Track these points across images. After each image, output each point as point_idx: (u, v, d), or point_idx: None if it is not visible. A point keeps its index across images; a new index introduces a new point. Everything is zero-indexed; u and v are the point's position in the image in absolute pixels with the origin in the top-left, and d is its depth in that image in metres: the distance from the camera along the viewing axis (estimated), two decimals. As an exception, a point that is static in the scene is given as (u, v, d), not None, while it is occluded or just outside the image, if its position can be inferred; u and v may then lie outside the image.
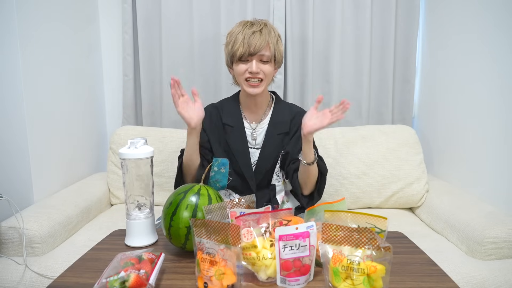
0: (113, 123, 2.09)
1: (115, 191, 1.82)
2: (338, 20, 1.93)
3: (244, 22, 1.32)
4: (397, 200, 1.76)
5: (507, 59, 1.43)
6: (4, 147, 1.43)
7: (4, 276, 1.24)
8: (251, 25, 1.30)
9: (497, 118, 1.48)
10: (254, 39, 1.26)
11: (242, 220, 0.87)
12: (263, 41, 1.27)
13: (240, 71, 1.31)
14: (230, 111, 1.42)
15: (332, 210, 0.91)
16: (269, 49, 1.29)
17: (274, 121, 1.40)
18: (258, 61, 1.29)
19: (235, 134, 1.38)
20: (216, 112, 1.43)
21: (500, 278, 1.22)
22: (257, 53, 1.27)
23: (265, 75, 1.31)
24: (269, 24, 1.33)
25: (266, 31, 1.29)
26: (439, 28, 1.88)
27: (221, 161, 1.38)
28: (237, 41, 1.27)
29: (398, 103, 2.06)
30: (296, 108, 1.47)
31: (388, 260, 0.74)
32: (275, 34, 1.32)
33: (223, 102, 1.47)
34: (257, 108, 1.42)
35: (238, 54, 1.27)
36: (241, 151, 1.38)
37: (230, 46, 1.30)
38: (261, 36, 1.27)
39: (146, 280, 0.77)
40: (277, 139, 1.39)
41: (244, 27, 1.29)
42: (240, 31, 1.29)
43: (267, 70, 1.31)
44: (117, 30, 2.00)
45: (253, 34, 1.27)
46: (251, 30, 1.27)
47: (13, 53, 1.40)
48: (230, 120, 1.40)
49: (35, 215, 1.36)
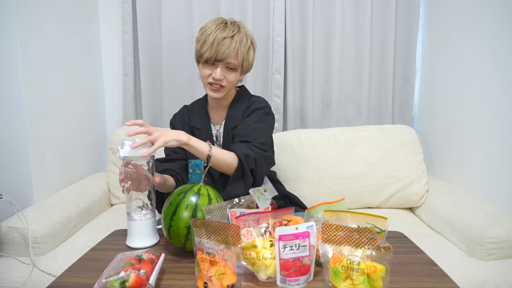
0: (113, 123, 2.09)
1: (115, 191, 1.82)
2: (338, 20, 1.93)
3: (219, 22, 1.25)
4: (397, 200, 1.76)
5: (507, 59, 1.42)
6: (4, 147, 1.43)
7: (4, 276, 1.24)
8: (224, 27, 1.23)
9: (497, 118, 1.48)
10: (223, 46, 1.20)
11: (242, 220, 0.87)
12: (231, 50, 1.21)
13: (204, 74, 1.27)
14: (198, 114, 1.40)
15: (332, 210, 0.91)
16: (237, 58, 1.24)
17: (229, 117, 1.36)
18: (224, 67, 1.25)
19: (202, 137, 1.34)
20: (187, 114, 1.42)
21: (500, 278, 1.21)
22: (224, 61, 1.23)
23: (228, 82, 1.27)
24: (243, 29, 1.27)
25: (237, 38, 1.23)
26: (439, 28, 1.88)
27: (194, 162, 1.36)
28: (206, 43, 1.22)
29: (398, 103, 2.06)
30: (253, 99, 1.38)
31: (388, 260, 0.74)
32: (246, 42, 1.26)
33: (194, 104, 1.45)
34: (221, 109, 1.39)
35: (205, 57, 1.22)
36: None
37: (199, 45, 1.25)
38: (231, 43, 1.21)
39: (146, 280, 0.77)
40: (231, 133, 1.34)
41: (217, 28, 1.23)
42: (212, 31, 1.22)
43: (231, 78, 1.27)
44: (117, 30, 2.00)
45: (223, 40, 1.21)
46: (222, 34, 1.21)
47: (13, 53, 1.40)
48: (197, 123, 1.38)
49: (35, 215, 1.36)
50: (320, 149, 1.78)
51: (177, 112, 1.46)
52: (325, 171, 1.74)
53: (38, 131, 1.52)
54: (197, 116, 1.40)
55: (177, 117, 1.44)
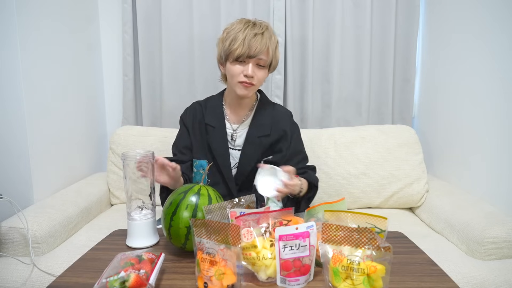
0: (113, 123, 2.09)
1: (115, 191, 1.82)
2: (338, 20, 1.93)
3: (246, 21, 1.26)
4: (397, 200, 1.76)
5: (507, 59, 1.42)
6: (4, 147, 1.43)
7: (4, 276, 1.24)
8: (253, 26, 1.25)
9: (497, 118, 1.48)
10: (255, 42, 1.21)
11: (242, 220, 0.87)
12: (263, 45, 1.22)
13: (235, 72, 1.25)
14: (213, 111, 1.38)
15: (332, 210, 0.91)
16: (268, 55, 1.25)
17: (255, 124, 1.36)
18: (254, 64, 1.25)
19: (216, 135, 1.35)
20: (200, 111, 1.40)
21: (500, 278, 1.21)
22: (256, 57, 1.23)
23: (257, 80, 1.27)
24: (270, 28, 1.29)
25: (267, 35, 1.24)
26: (439, 28, 1.88)
27: (199, 162, 1.36)
28: (237, 40, 1.21)
29: (398, 103, 2.06)
30: (279, 110, 1.42)
31: (388, 260, 0.74)
32: (274, 40, 1.28)
33: (208, 100, 1.43)
34: (241, 109, 1.38)
35: (237, 54, 1.21)
36: (221, 152, 1.35)
37: (228, 43, 1.24)
38: (262, 39, 1.22)
39: (146, 280, 0.77)
40: (257, 141, 1.34)
41: (246, 26, 1.24)
42: (241, 29, 1.23)
43: (261, 75, 1.27)
44: (117, 30, 2.00)
45: (255, 36, 1.22)
46: (253, 31, 1.22)
47: (13, 53, 1.40)
48: (212, 120, 1.36)
49: (35, 215, 1.36)
50: (320, 149, 1.78)
51: (189, 107, 1.44)
52: (325, 171, 1.74)
53: (38, 131, 1.52)
54: (212, 114, 1.38)
55: (188, 112, 1.42)
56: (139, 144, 1.79)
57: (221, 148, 1.35)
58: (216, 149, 1.35)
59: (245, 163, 1.35)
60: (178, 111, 1.99)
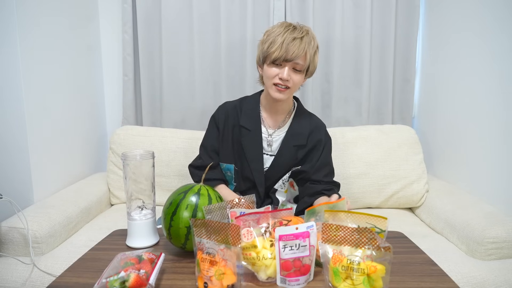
0: (113, 123, 2.09)
1: (115, 191, 1.82)
2: (338, 20, 1.93)
3: (287, 24, 1.26)
4: (397, 200, 1.76)
5: (507, 59, 1.42)
6: (4, 147, 1.43)
7: (4, 276, 1.24)
8: (294, 29, 1.24)
9: (497, 118, 1.48)
10: (293, 46, 1.20)
11: (242, 220, 0.87)
12: (301, 50, 1.21)
13: (270, 74, 1.25)
14: (249, 113, 1.37)
15: (332, 210, 0.91)
16: (305, 59, 1.24)
17: (292, 132, 1.35)
18: (290, 68, 1.24)
19: (251, 139, 1.34)
20: (234, 112, 1.38)
21: (500, 278, 1.22)
22: (293, 61, 1.22)
23: (294, 84, 1.26)
24: (311, 33, 1.27)
25: (307, 40, 1.23)
26: (439, 28, 1.88)
27: (226, 166, 1.37)
28: (275, 43, 1.21)
29: (398, 103, 2.06)
30: (315, 121, 1.42)
31: (388, 260, 0.74)
32: (314, 45, 1.26)
33: (243, 102, 1.41)
34: (277, 113, 1.37)
35: (273, 57, 1.22)
36: (255, 157, 1.34)
37: (267, 45, 1.24)
38: (301, 44, 1.21)
39: (146, 280, 0.77)
40: (292, 150, 1.35)
41: (286, 30, 1.23)
42: (281, 33, 1.22)
43: (297, 79, 1.26)
44: (117, 30, 2.00)
45: (294, 40, 1.21)
46: (292, 35, 1.21)
47: (13, 53, 1.40)
48: (248, 123, 1.35)
49: (35, 215, 1.36)
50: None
51: (221, 106, 1.42)
52: (325, 171, 1.73)
53: (38, 131, 1.52)
54: (248, 116, 1.36)
55: (220, 111, 1.40)
56: (139, 144, 1.79)
57: (256, 152, 1.34)
58: (250, 153, 1.34)
59: (275, 170, 1.36)
60: (178, 111, 2.00)
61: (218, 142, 1.39)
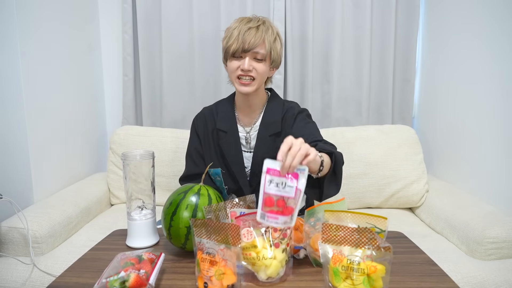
0: (113, 123, 2.09)
1: (115, 191, 1.82)
2: (338, 20, 1.93)
3: (242, 18, 1.26)
4: (397, 200, 1.76)
5: (507, 59, 1.42)
6: (4, 147, 1.43)
7: (4, 276, 1.24)
8: (249, 21, 1.24)
9: (497, 118, 1.48)
10: (249, 35, 1.20)
11: (242, 220, 0.87)
12: (258, 38, 1.20)
13: (232, 68, 1.24)
14: (224, 115, 1.35)
15: (332, 210, 0.91)
16: (264, 47, 1.22)
17: (265, 122, 1.31)
18: (251, 58, 1.22)
19: (228, 140, 1.32)
20: (211, 116, 1.37)
21: (500, 278, 1.22)
22: (251, 50, 1.20)
23: (257, 73, 1.23)
24: (268, 22, 1.27)
25: (263, 28, 1.23)
26: (439, 28, 1.88)
27: (213, 171, 1.34)
28: (232, 37, 1.21)
29: (398, 103, 2.06)
30: (288, 104, 1.36)
31: (388, 260, 0.74)
32: (273, 33, 1.25)
33: (219, 105, 1.40)
34: (251, 110, 1.35)
35: (232, 50, 1.21)
36: (234, 157, 1.32)
37: (225, 41, 1.24)
38: (257, 32, 1.21)
39: (146, 280, 0.77)
40: (269, 141, 1.30)
41: (241, 22, 1.24)
42: (237, 26, 1.23)
43: (260, 68, 1.23)
44: (117, 30, 2.00)
45: (249, 30, 1.20)
46: (247, 26, 1.22)
47: (13, 53, 1.40)
48: (224, 125, 1.33)
49: (35, 215, 1.36)
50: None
51: (199, 113, 1.41)
52: (325, 171, 1.74)
53: (38, 131, 1.52)
54: (223, 118, 1.35)
55: (198, 118, 1.39)
56: (139, 144, 1.79)
57: (234, 153, 1.32)
58: (229, 155, 1.32)
59: (257, 165, 1.31)
60: (178, 111, 2.00)
61: (201, 148, 1.37)
